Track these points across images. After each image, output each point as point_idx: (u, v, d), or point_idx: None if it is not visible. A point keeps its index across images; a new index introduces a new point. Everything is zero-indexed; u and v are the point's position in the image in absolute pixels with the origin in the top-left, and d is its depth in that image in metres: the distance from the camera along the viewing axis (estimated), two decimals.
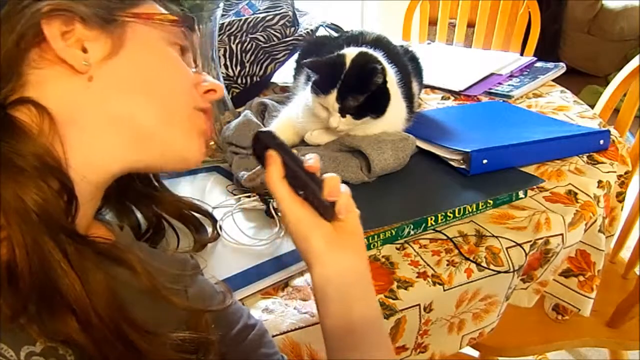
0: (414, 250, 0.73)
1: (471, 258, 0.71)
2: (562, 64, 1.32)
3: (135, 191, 0.58)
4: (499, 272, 0.70)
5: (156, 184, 0.60)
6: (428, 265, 0.70)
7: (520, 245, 0.73)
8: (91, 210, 0.49)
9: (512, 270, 0.71)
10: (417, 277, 0.69)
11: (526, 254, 0.73)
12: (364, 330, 0.52)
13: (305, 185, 0.51)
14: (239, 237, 0.75)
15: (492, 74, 1.30)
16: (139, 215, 0.60)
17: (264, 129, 0.55)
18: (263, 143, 0.53)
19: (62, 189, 0.41)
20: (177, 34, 0.53)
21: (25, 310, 0.37)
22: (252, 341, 0.54)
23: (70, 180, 0.42)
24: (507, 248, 0.73)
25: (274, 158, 0.52)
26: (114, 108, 0.47)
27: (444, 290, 0.68)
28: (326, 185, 0.52)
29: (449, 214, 0.77)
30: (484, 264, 0.70)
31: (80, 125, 0.45)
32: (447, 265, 0.70)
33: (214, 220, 0.71)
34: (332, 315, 0.52)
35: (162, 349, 0.43)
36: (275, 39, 1.20)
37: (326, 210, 0.51)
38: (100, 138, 0.46)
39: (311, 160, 0.52)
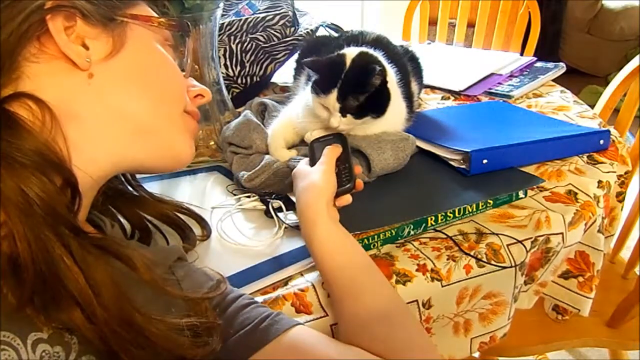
0: (414, 246, 0.73)
1: (471, 254, 0.71)
2: (562, 64, 1.32)
3: (115, 195, 0.58)
4: (499, 267, 0.70)
5: (130, 188, 0.60)
6: (428, 258, 0.70)
7: (521, 242, 0.73)
8: (87, 207, 0.50)
9: (512, 265, 0.71)
10: (417, 270, 0.69)
11: (527, 251, 0.73)
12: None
13: (348, 168, 0.72)
14: (238, 237, 0.75)
15: (492, 74, 1.30)
16: (123, 220, 0.60)
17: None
18: (335, 139, 0.77)
19: (65, 185, 0.42)
20: (168, 36, 0.54)
21: (31, 300, 0.37)
22: (235, 297, 0.55)
23: (73, 175, 0.42)
24: (507, 245, 0.73)
25: (337, 147, 0.73)
26: (113, 104, 0.47)
27: (442, 286, 0.68)
28: (358, 181, 0.71)
29: (449, 214, 0.77)
30: (484, 260, 0.70)
31: (80, 121, 0.45)
32: (448, 259, 0.70)
33: (200, 219, 0.71)
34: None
35: (170, 334, 0.43)
36: (275, 39, 1.20)
37: (348, 188, 0.69)
38: (99, 133, 0.47)
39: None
